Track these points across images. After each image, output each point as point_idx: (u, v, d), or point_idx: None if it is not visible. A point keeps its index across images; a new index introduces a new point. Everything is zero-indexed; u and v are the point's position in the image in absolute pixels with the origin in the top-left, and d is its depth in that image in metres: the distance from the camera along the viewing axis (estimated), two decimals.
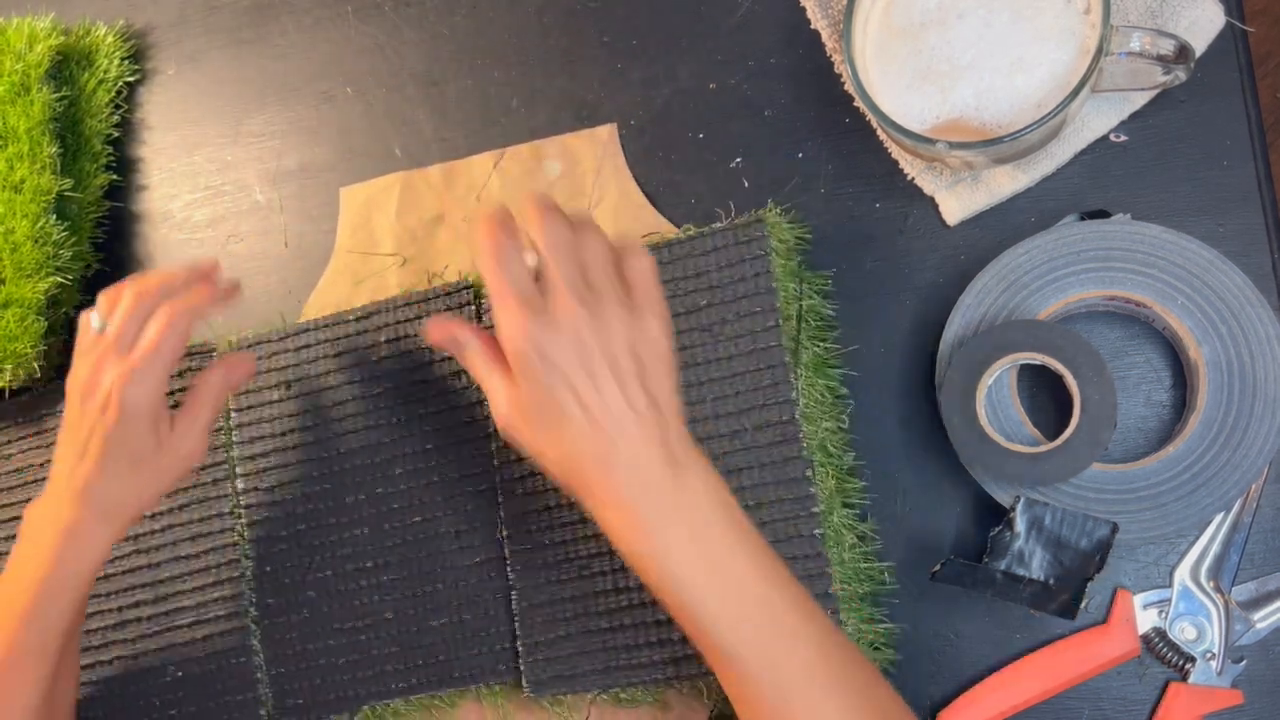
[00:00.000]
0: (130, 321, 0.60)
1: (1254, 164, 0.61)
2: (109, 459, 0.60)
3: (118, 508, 0.61)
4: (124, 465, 0.61)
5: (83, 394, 0.61)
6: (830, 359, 0.64)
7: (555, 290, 0.52)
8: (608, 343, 0.51)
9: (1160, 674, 0.60)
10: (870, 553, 0.63)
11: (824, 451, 0.62)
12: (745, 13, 0.70)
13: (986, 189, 0.64)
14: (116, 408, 0.59)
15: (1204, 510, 0.57)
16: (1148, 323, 0.61)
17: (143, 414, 0.60)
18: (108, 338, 0.61)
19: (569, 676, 0.64)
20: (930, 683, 0.62)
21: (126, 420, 0.60)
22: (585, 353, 0.51)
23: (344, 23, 0.79)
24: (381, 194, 0.75)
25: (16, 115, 0.74)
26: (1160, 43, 0.55)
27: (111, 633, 0.71)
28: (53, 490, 0.62)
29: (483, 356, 0.55)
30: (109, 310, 0.61)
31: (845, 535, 0.61)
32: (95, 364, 0.60)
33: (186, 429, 0.63)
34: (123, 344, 0.60)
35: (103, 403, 0.60)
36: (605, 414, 0.51)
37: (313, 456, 0.69)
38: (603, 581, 0.64)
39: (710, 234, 0.63)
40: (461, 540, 0.66)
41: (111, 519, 0.61)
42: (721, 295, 0.63)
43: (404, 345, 0.69)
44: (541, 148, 0.72)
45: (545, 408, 0.52)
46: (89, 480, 0.60)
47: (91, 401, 0.60)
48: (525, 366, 0.51)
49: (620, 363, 0.51)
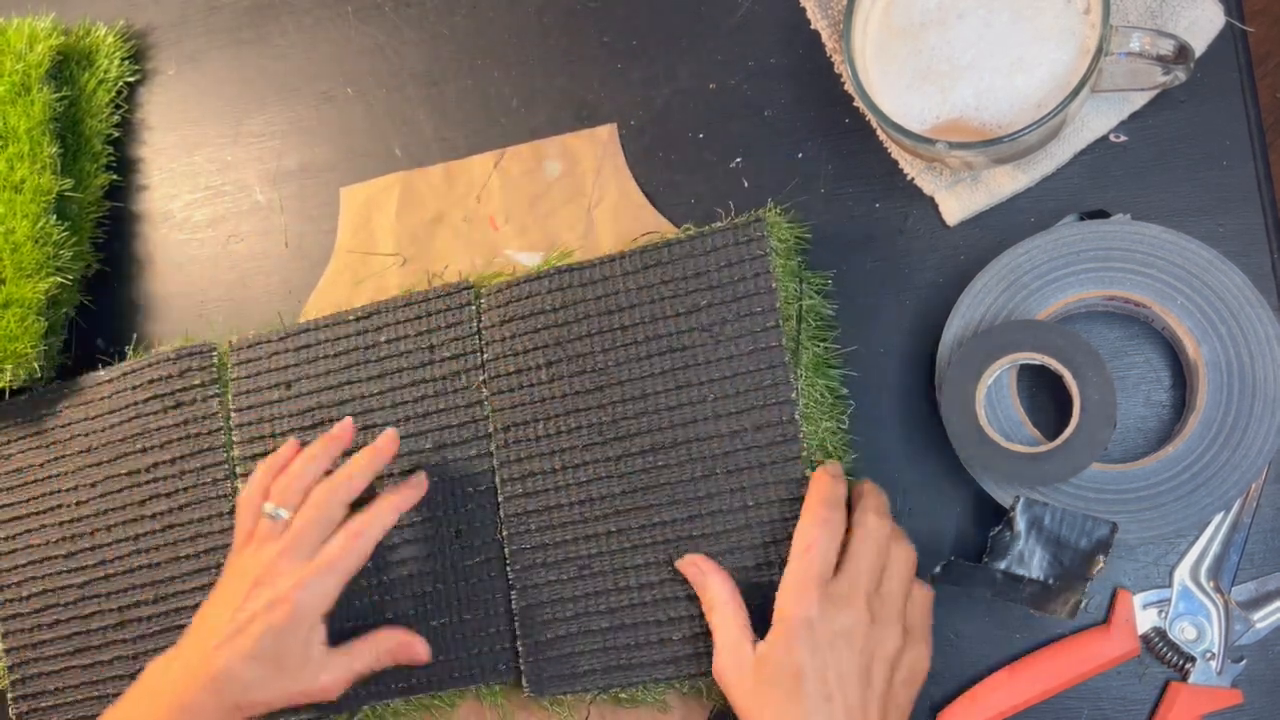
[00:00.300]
0: (313, 529, 0.61)
1: (1254, 164, 0.61)
2: (257, 655, 0.59)
3: (242, 704, 0.60)
4: (267, 665, 0.60)
5: (256, 580, 0.61)
6: (830, 359, 0.64)
7: (855, 583, 0.55)
8: (874, 651, 0.55)
9: (1160, 674, 0.60)
10: None
11: (824, 452, 0.62)
12: (745, 13, 0.70)
13: (986, 189, 0.64)
14: (288, 611, 0.59)
15: (1204, 510, 0.57)
16: (1147, 323, 0.61)
17: (308, 622, 0.60)
18: (288, 538, 0.61)
19: (569, 676, 0.64)
20: (930, 683, 0.62)
21: (292, 623, 0.60)
22: (852, 649, 0.54)
23: (344, 23, 0.79)
24: (382, 194, 0.75)
25: (17, 115, 0.75)
26: (1160, 43, 0.55)
27: (112, 632, 0.71)
28: (185, 656, 0.61)
29: (729, 603, 0.59)
30: (282, 498, 0.63)
31: None
32: (275, 557, 0.61)
33: (336, 665, 0.61)
34: (302, 549, 0.61)
35: (274, 599, 0.60)
36: (840, 708, 0.53)
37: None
38: (603, 581, 0.64)
39: (710, 234, 0.63)
40: (461, 540, 0.66)
41: (229, 712, 0.60)
42: (721, 295, 0.63)
43: (404, 346, 0.69)
44: (542, 148, 0.72)
45: (786, 676, 0.54)
46: (229, 668, 0.59)
47: (263, 590, 0.60)
48: (794, 633, 0.54)
49: (874, 673, 0.54)
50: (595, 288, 0.65)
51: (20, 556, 0.74)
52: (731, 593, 0.59)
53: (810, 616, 0.54)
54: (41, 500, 0.74)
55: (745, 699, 0.55)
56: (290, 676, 0.60)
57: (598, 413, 0.64)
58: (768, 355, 0.62)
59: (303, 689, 0.61)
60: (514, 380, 0.66)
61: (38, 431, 0.75)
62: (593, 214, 0.71)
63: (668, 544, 0.63)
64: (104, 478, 0.72)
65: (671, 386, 0.63)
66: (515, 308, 0.67)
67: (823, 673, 0.54)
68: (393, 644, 0.63)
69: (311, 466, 0.64)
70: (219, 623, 0.61)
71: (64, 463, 0.73)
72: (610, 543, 0.64)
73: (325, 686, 0.61)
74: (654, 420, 0.63)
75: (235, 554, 0.64)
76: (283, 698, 0.61)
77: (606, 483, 0.64)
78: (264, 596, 0.60)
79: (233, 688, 0.60)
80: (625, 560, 0.63)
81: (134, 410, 0.72)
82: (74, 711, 0.72)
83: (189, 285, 0.79)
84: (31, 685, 0.73)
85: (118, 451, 0.72)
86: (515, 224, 0.72)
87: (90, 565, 0.72)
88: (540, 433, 0.65)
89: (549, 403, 0.65)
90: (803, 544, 0.56)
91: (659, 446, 0.63)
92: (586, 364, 0.65)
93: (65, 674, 0.72)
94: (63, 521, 0.73)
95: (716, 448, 0.62)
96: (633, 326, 0.64)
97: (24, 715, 0.72)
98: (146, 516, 0.71)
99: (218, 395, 0.71)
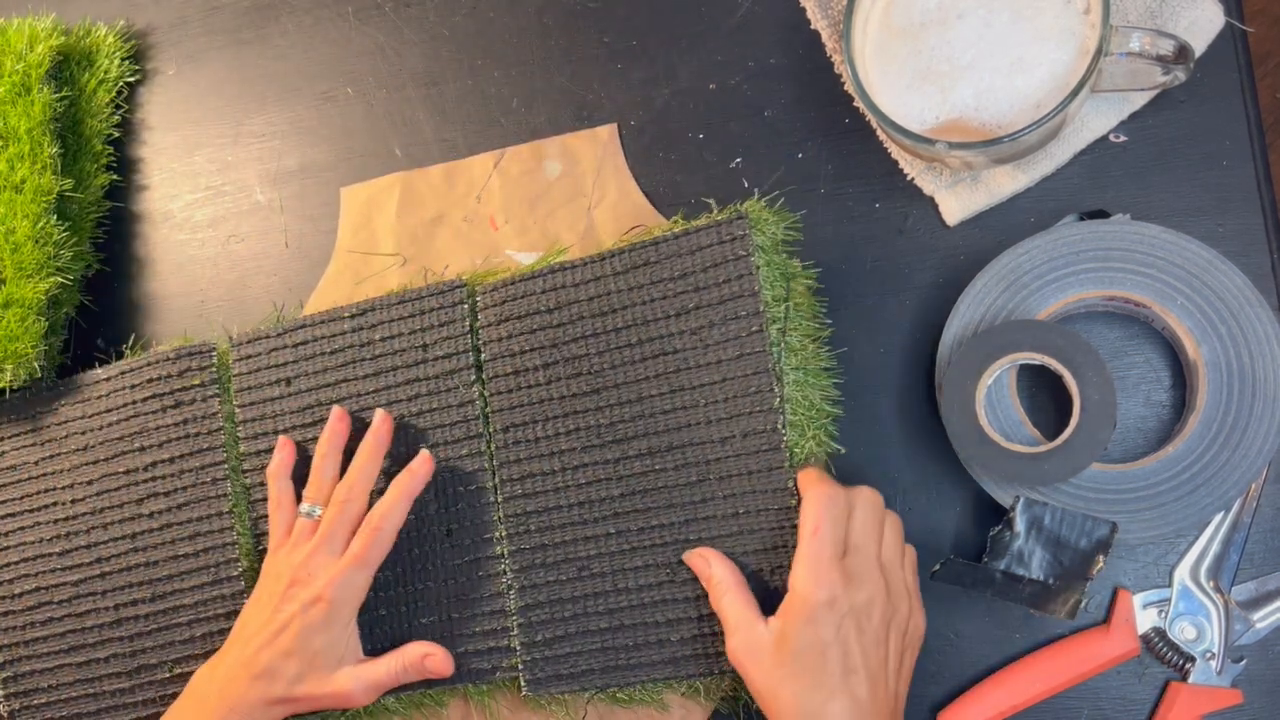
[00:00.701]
0: (340, 526, 0.64)
1: (1253, 164, 0.61)
2: (298, 653, 0.62)
3: (284, 700, 0.63)
4: (306, 663, 0.62)
5: (292, 580, 0.64)
6: (822, 360, 0.64)
7: (868, 556, 0.57)
8: (890, 620, 0.56)
9: (1160, 674, 0.60)
10: None
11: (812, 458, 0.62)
12: (745, 13, 0.70)
13: (986, 189, 0.64)
14: (325, 608, 0.62)
15: (1204, 510, 0.57)
16: (1147, 323, 0.61)
17: (344, 617, 0.63)
18: (318, 537, 0.64)
19: (567, 676, 0.64)
20: (930, 683, 0.62)
21: (330, 618, 0.62)
22: (871, 621, 0.56)
23: (344, 23, 0.79)
24: (382, 194, 0.75)
25: (17, 116, 0.75)
26: (1160, 43, 0.55)
27: (107, 630, 0.71)
28: (229, 659, 0.64)
29: (736, 586, 0.59)
30: (317, 496, 0.66)
31: None
32: (307, 557, 0.64)
33: (366, 675, 0.64)
34: (333, 545, 0.64)
35: (313, 597, 0.63)
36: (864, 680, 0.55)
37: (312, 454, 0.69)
38: (602, 582, 0.64)
39: (695, 231, 0.63)
40: (452, 539, 0.67)
41: (273, 706, 0.63)
42: (707, 297, 0.62)
43: (397, 344, 0.69)
44: (542, 147, 0.72)
45: (809, 654, 0.55)
46: (271, 666, 0.62)
47: (300, 590, 0.63)
48: (815, 611, 0.55)
49: (890, 642, 0.56)
50: (588, 288, 0.65)
51: (14, 554, 0.74)
52: (738, 578, 0.60)
53: (834, 595, 0.55)
54: (37, 497, 0.74)
55: (764, 678, 0.56)
56: (326, 677, 0.63)
57: (595, 415, 0.64)
58: (753, 361, 0.61)
59: (333, 692, 0.63)
60: (512, 381, 0.66)
61: (33, 428, 0.75)
62: (593, 214, 0.71)
63: (666, 546, 0.63)
64: (101, 476, 0.72)
65: (665, 390, 0.63)
66: (511, 307, 0.67)
67: (846, 646, 0.55)
68: (416, 657, 0.64)
69: (329, 462, 0.67)
70: (260, 624, 0.64)
71: (60, 460, 0.73)
72: (609, 544, 0.64)
73: (351, 692, 0.63)
74: (649, 424, 0.63)
75: (271, 555, 0.66)
76: (319, 698, 0.63)
77: (605, 485, 0.64)
78: (301, 596, 0.63)
79: (276, 685, 0.62)
80: (624, 561, 0.63)
81: (133, 409, 0.72)
82: (66, 709, 0.72)
83: (189, 285, 0.79)
84: (24, 682, 0.73)
85: (116, 450, 0.72)
86: (515, 224, 0.72)
87: (86, 563, 0.72)
88: (540, 434, 0.65)
89: (547, 404, 0.65)
90: (810, 525, 0.57)
91: (655, 450, 0.63)
92: (582, 365, 0.65)
93: (58, 671, 0.72)
94: (58, 519, 0.73)
95: (708, 454, 0.62)
96: (626, 328, 0.64)
97: (15, 713, 0.72)
98: (144, 515, 0.71)
99: (217, 395, 0.71)
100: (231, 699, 0.62)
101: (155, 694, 0.70)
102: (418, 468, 0.66)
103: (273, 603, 0.64)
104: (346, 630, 0.64)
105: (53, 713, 0.72)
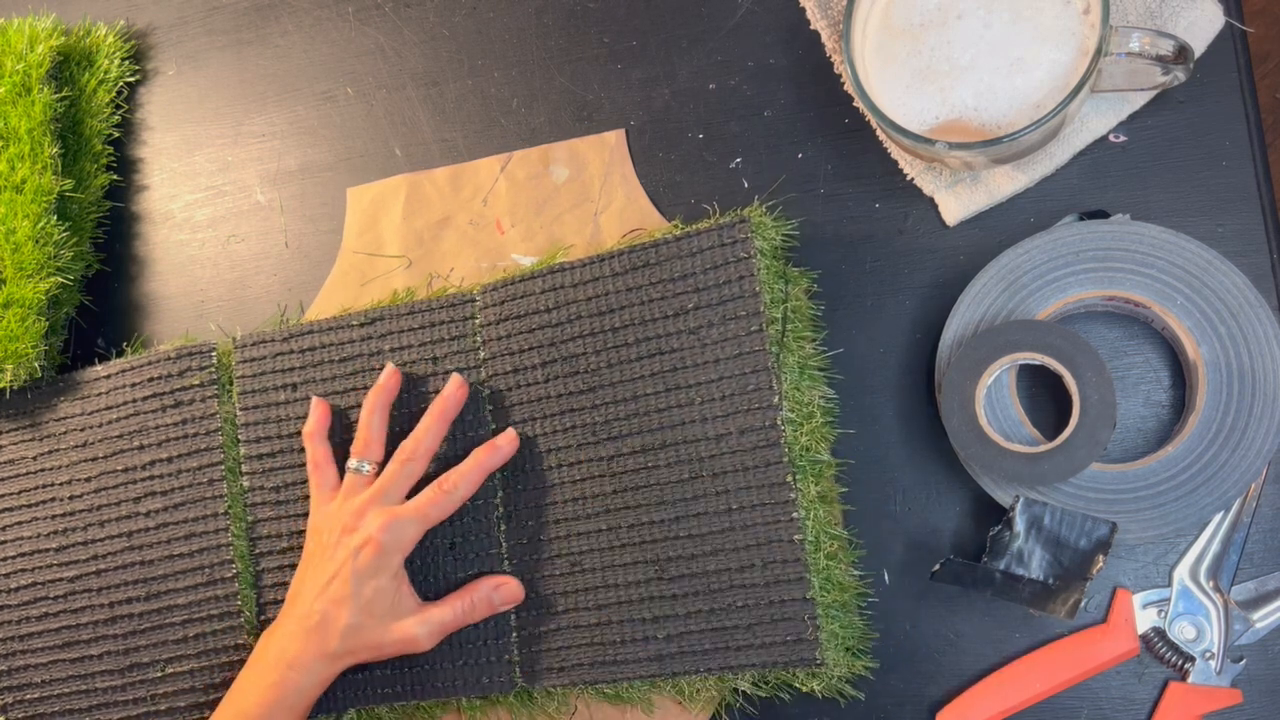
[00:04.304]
0: (399, 481, 0.64)
1: (1253, 164, 0.61)
2: (350, 599, 0.62)
3: (341, 652, 0.63)
4: (361, 611, 0.62)
5: (344, 527, 0.64)
6: (819, 360, 0.64)
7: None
8: None
9: (1160, 673, 0.60)
10: (854, 559, 0.63)
11: (808, 456, 0.62)
12: (745, 13, 0.70)
13: (986, 189, 0.64)
14: (373, 550, 0.62)
15: (1203, 510, 0.57)
16: (1147, 323, 0.61)
17: (394, 564, 0.63)
18: (375, 488, 0.64)
19: (558, 669, 0.64)
20: (930, 683, 0.62)
21: (379, 562, 0.62)
22: None
23: (344, 23, 0.79)
24: (388, 195, 0.75)
25: (18, 116, 0.75)
26: (1159, 43, 0.55)
27: (101, 628, 0.71)
28: (287, 617, 0.64)
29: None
30: (365, 453, 0.66)
31: (824, 541, 0.61)
32: (359, 508, 0.64)
33: (430, 617, 0.64)
34: (389, 498, 0.64)
35: (361, 542, 0.63)
36: None
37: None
38: (592, 578, 0.64)
39: (696, 234, 0.63)
40: (455, 553, 0.67)
41: (333, 659, 0.63)
42: (707, 298, 0.63)
43: (408, 355, 0.69)
44: (549, 152, 0.72)
45: None
46: (326, 616, 0.62)
47: (351, 537, 0.63)
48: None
49: None
50: (586, 288, 0.65)
51: (10, 549, 0.74)
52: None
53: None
54: (33, 493, 0.74)
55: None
56: (383, 625, 0.63)
57: (591, 413, 0.64)
58: (752, 359, 0.62)
59: (396, 639, 0.63)
60: (511, 380, 0.66)
61: (31, 424, 0.75)
62: (599, 219, 0.71)
63: (654, 544, 0.63)
64: (99, 473, 0.72)
65: (661, 389, 0.63)
66: (510, 307, 0.67)
67: None
68: (486, 590, 0.64)
69: (377, 418, 0.66)
70: (314, 577, 0.64)
71: (58, 456, 0.73)
72: (600, 540, 0.64)
73: (416, 636, 0.63)
74: (644, 422, 0.63)
75: (316, 509, 0.66)
76: (379, 645, 0.63)
77: (599, 482, 0.64)
78: (351, 543, 0.63)
79: (331, 636, 0.62)
80: (614, 558, 0.64)
81: (132, 408, 0.72)
82: (58, 705, 0.72)
83: (189, 285, 0.79)
84: (17, 677, 0.73)
85: (114, 448, 0.72)
86: (521, 228, 0.72)
87: (82, 560, 0.72)
88: (537, 431, 0.66)
89: (545, 402, 0.65)
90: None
91: (649, 448, 0.63)
92: (580, 365, 0.65)
93: (52, 667, 0.72)
94: (55, 515, 0.73)
95: (703, 450, 0.62)
96: (623, 328, 0.64)
97: (8, 706, 0.73)
98: (141, 514, 0.71)
99: (216, 395, 0.71)
100: (290, 656, 0.62)
101: (146, 693, 0.70)
102: (503, 444, 0.65)
103: (326, 552, 0.64)
104: (396, 580, 0.63)
105: (45, 708, 0.72)
